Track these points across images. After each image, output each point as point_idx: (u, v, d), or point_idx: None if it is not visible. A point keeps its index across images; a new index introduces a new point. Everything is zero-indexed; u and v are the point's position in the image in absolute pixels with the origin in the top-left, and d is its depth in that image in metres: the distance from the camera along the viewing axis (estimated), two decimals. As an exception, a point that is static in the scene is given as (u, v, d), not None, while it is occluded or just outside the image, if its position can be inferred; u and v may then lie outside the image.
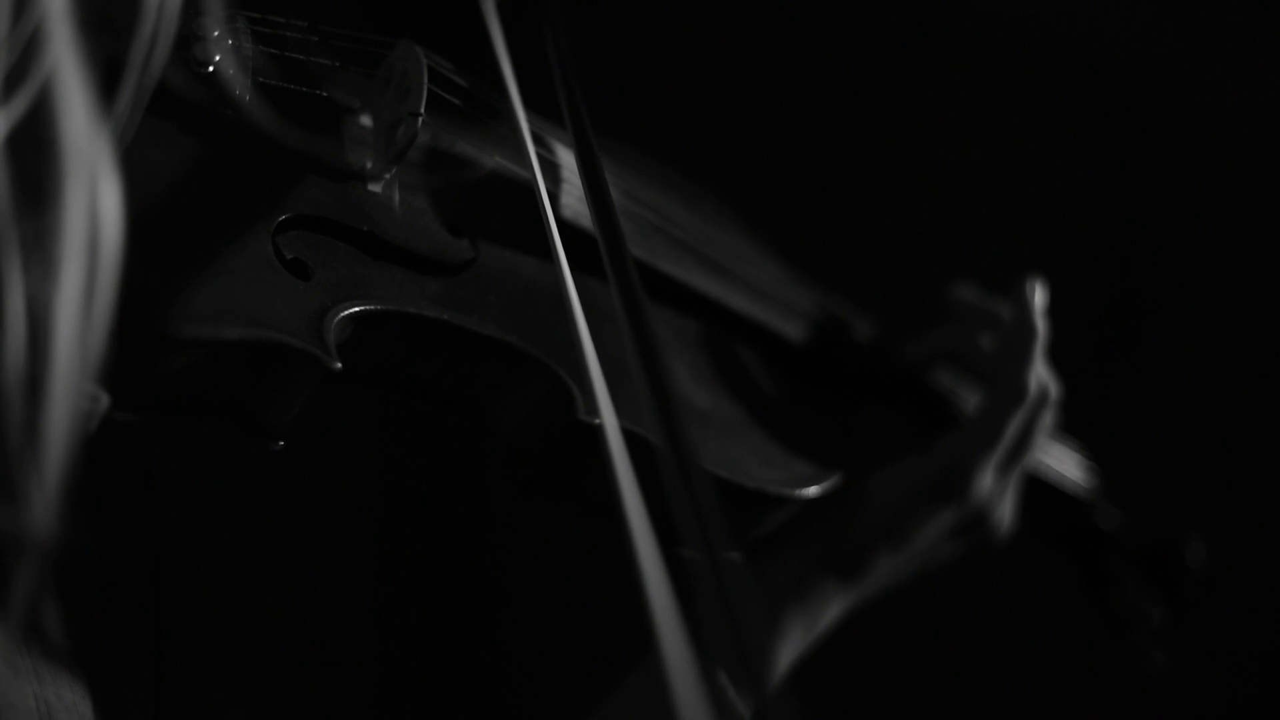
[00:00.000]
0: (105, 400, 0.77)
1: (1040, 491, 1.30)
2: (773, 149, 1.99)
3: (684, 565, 0.75)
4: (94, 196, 0.68)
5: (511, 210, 1.00)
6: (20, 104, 0.66)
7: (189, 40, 0.87)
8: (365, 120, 0.96)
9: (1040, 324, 1.18)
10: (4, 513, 0.66)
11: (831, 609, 1.15)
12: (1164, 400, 2.03)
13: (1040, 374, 1.18)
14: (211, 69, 0.88)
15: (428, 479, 1.87)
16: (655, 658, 1.08)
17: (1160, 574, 1.40)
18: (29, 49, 0.67)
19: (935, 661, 2.00)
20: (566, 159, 1.05)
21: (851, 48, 1.99)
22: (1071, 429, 1.34)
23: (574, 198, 1.03)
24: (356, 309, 0.87)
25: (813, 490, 1.09)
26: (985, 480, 1.15)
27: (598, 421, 0.93)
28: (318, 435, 1.61)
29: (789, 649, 1.14)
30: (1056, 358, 1.22)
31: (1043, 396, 1.18)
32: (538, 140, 1.01)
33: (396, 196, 0.95)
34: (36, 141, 0.67)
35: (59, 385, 0.66)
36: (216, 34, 0.88)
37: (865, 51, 2.00)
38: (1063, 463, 1.34)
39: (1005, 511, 1.19)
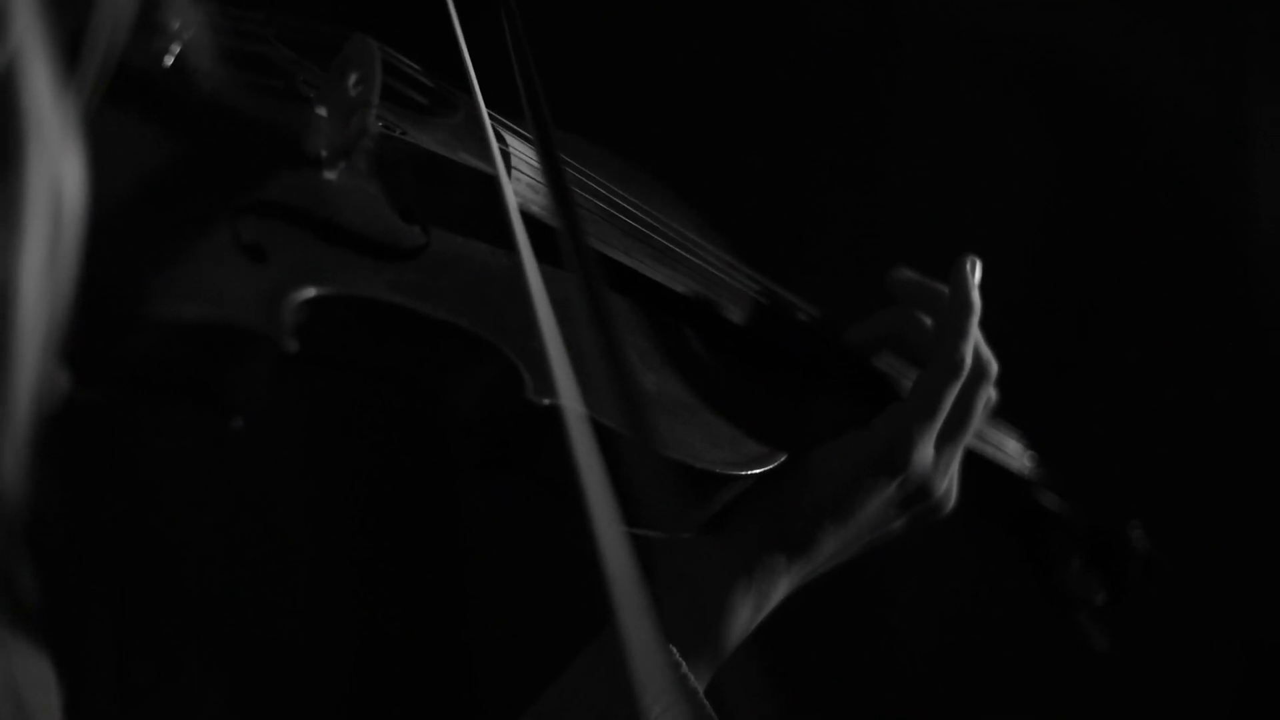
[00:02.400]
0: (67, 376, 0.79)
1: (984, 470, 1.33)
2: (730, 142, 2.01)
3: (637, 543, 0.77)
4: (57, 169, 0.70)
5: (463, 198, 1.03)
6: None
7: (149, 30, 0.90)
8: (321, 110, 0.98)
9: (976, 299, 1.20)
10: None
11: (780, 585, 1.17)
12: (1111, 392, 2.06)
13: (978, 348, 1.20)
14: (170, 59, 0.91)
15: (394, 458, 1.89)
16: (608, 634, 1.10)
17: (1103, 555, 1.43)
18: None
19: (883, 641, 2.02)
20: (518, 148, 1.08)
21: (810, 42, 2.01)
22: (1018, 418, 1.37)
23: (524, 185, 1.06)
24: (312, 292, 0.89)
25: (760, 470, 1.11)
26: (926, 453, 1.17)
27: (547, 402, 0.96)
28: (282, 416, 1.63)
29: (738, 626, 1.16)
30: (1008, 349, 1.24)
31: (980, 371, 1.20)
32: (495, 131, 1.04)
33: (351, 184, 0.98)
34: (0, 112, 0.69)
35: (24, 354, 0.68)
36: (176, 24, 0.90)
37: (824, 46, 2.02)
38: (1006, 445, 1.37)
39: (948, 486, 1.21)
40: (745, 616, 1.16)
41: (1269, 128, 2.05)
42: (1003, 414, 1.32)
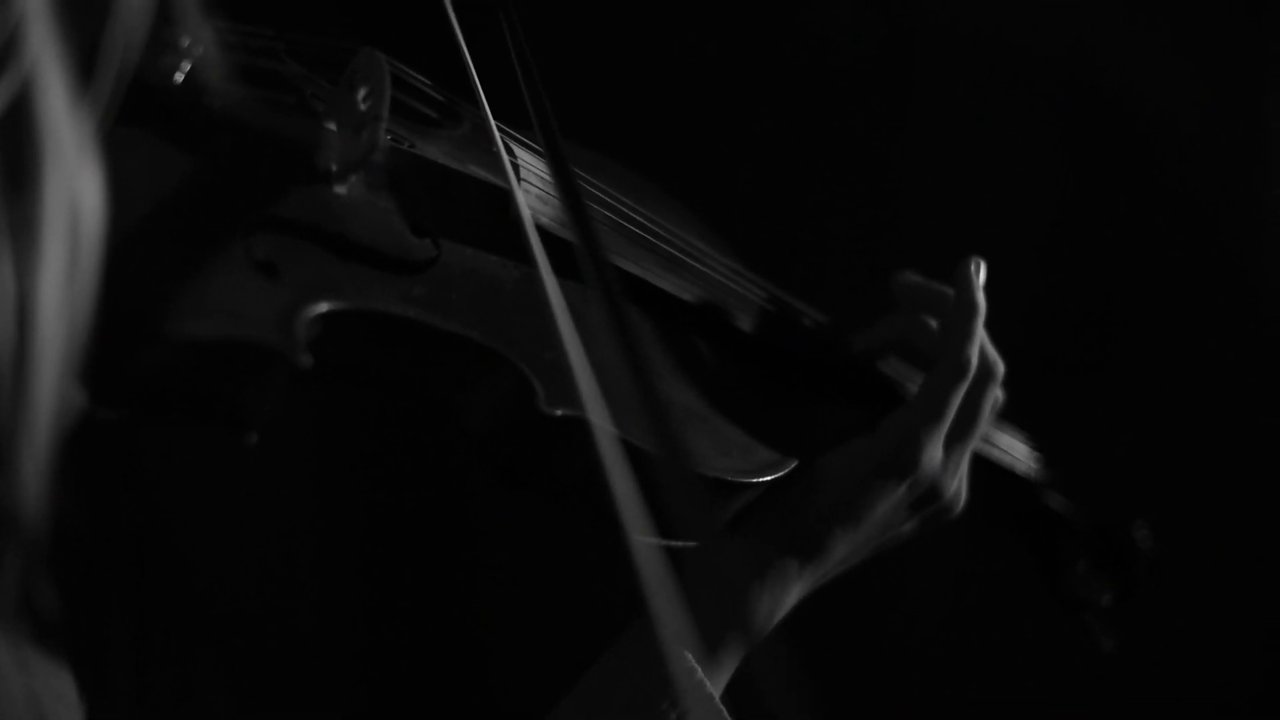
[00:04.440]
0: (84, 396, 0.80)
1: (992, 473, 1.34)
2: (740, 149, 2.01)
3: (654, 551, 0.78)
4: (74, 186, 0.70)
5: (473, 210, 1.04)
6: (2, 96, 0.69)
7: (161, 48, 0.90)
8: (331, 125, 0.99)
9: (981, 300, 1.20)
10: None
11: (794, 589, 1.17)
12: (1117, 393, 2.06)
13: (984, 349, 1.20)
14: (182, 76, 0.91)
15: (406, 469, 1.89)
16: (625, 641, 1.10)
17: (1109, 556, 1.44)
18: (8, 43, 0.69)
19: (889, 641, 2.03)
20: (527, 159, 1.08)
21: (823, 51, 2.01)
22: (1024, 420, 1.38)
23: (533, 197, 1.07)
24: (325, 307, 0.90)
25: (770, 478, 1.12)
26: (934, 455, 1.17)
27: (559, 413, 0.96)
28: (295, 428, 1.64)
29: (752, 631, 1.16)
30: (1014, 350, 1.24)
31: (987, 371, 1.20)
32: (504, 143, 1.05)
33: (362, 198, 0.98)
34: (18, 130, 0.69)
35: (44, 368, 0.69)
36: (187, 42, 0.91)
37: (837, 58, 2.02)
38: (1014, 448, 1.37)
39: (957, 488, 1.21)
40: (758, 621, 1.17)
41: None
42: (1009, 416, 1.33)
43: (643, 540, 0.76)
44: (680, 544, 1.06)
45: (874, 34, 2.01)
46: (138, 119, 0.88)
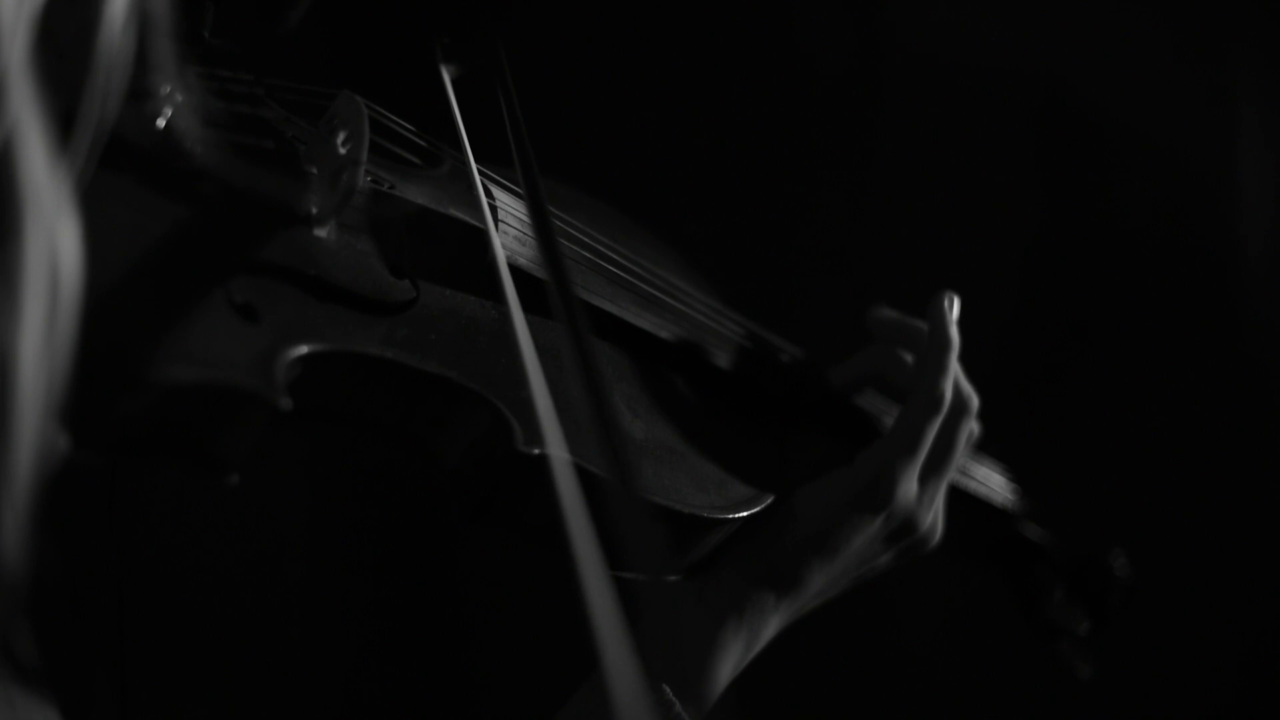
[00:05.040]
0: (66, 440, 0.80)
1: (969, 504, 1.35)
2: (717, 182, 2.02)
3: (626, 587, 0.79)
4: (54, 239, 0.71)
5: (451, 251, 1.05)
6: None
7: (140, 95, 0.91)
8: (310, 169, 0.99)
9: (955, 335, 1.22)
10: None
11: (771, 622, 1.18)
12: (1093, 424, 2.07)
13: (958, 382, 1.22)
14: (163, 123, 0.92)
15: (389, 507, 1.89)
16: (600, 675, 1.11)
17: (1086, 585, 1.45)
18: None
19: (873, 670, 2.03)
20: (505, 201, 1.10)
21: (798, 81, 2.02)
22: (1001, 451, 1.39)
23: (511, 238, 1.08)
24: (304, 350, 0.91)
25: (746, 513, 1.13)
26: (909, 488, 1.18)
27: (536, 452, 0.97)
28: (276, 466, 1.64)
29: (730, 663, 1.17)
30: (996, 387, 1.25)
31: (961, 405, 1.21)
32: (482, 184, 1.06)
33: (341, 240, 0.99)
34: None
35: (24, 418, 0.70)
36: (167, 89, 0.92)
37: (812, 84, 2.03)
38: (990, 479, 1.38)
39: (933, 520, 1.22)
40: (737, 653, 1.18)
41: (1255, 158, 2.06)
42: (985, 447, 1.34)
43: (615, 575, 0.77)
44: (654, 579, 1.07)
45: (845, 63, 2.02)
46: (119, 166, 0.88)
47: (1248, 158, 2.06)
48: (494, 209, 1.07)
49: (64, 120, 0.76)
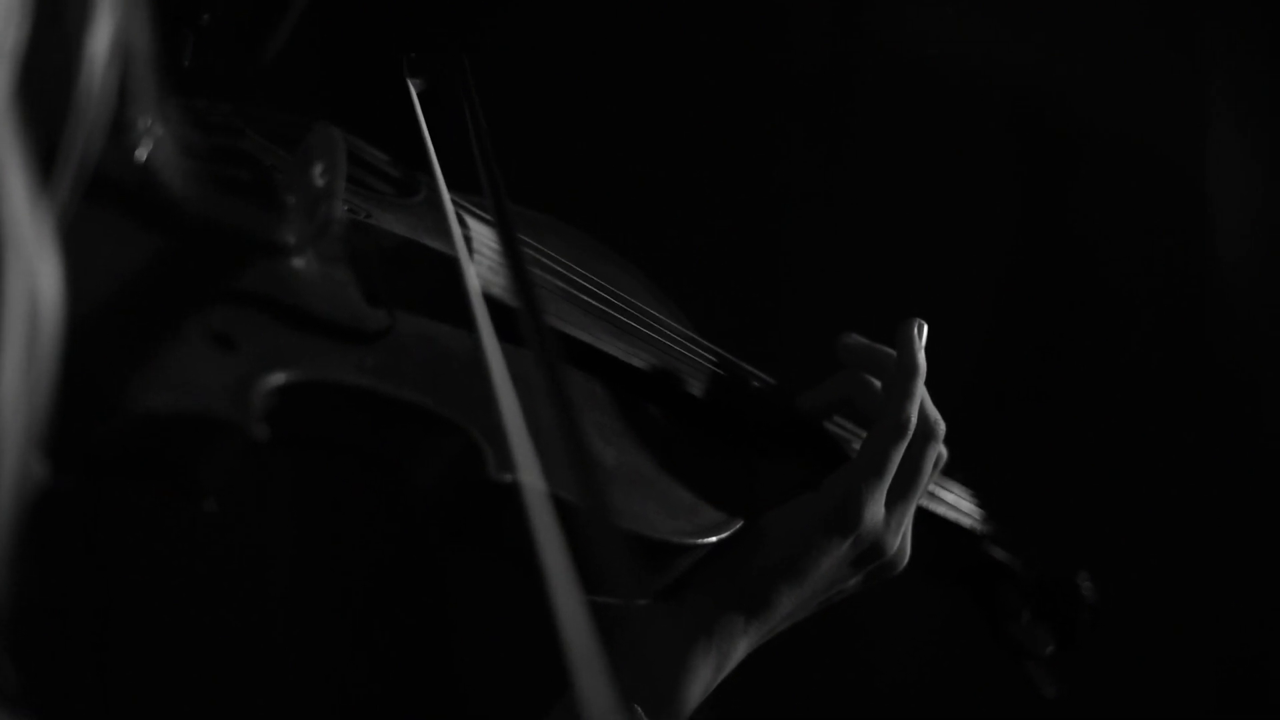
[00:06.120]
0: (45, 468, 0.81)
1: (936, 527, 1.37)
2: (686, 202, 2.03)
3: (599, 610, 0.80)
4: (34, 273, 0.72)
5: (427, 280, 1.06)
6: None
7: (120, 128, 0.92)
8: (288, 198, 1.01)
9: (921, 361, 1.24)
10: None
11: (740, 645, 1.20)
12: (1061, 447, 2.09)
13: (925, 408, 1.23)
14: (143, 155, 0.94)
15: (373, 523, 1.90)
16: (573, 695, 1.12)
17: (1052, 606, 1.46)
18: None
19: (843, 690, 2.04)
20: (479, 230, 1.11)
21: (772, 94, 2.03)
22: (969, 474, 1.41)
23: (485, 268, 1.10)
24: (280, 379, 0.92)
25: (716, 539, 1.15)
26: (876, 512, 1.20)
27: (509, 479, 0.99)
28: (261, 483, 1.65)
29: (700, 684, 1.19)
30: (961, 407, 1.26)
31: (927, 430, 1.23)
32: (456, 214, 1.08)
33: (318, 270, 1.01)
34: None
35: (4, 450, 0.70)
36: (147, 122, 0.93)
37: (786, 97, 2.04)
38: (958, 503, 1.40)
39: (901, 544, 1.24)
40: (706, 676, 1.19)
41: (1227, 168, 2.07)
42: (953, 471, 1.35)
43: (586, 599, 0.79)
44: (624, 602, 1.08)
45: (818, 69, 2.03)
46: (99, 198, 0.90)
47: (1221, 165, 2.07)
48: (468, 240, 1.09)
49: (45, 155, 0.77)
